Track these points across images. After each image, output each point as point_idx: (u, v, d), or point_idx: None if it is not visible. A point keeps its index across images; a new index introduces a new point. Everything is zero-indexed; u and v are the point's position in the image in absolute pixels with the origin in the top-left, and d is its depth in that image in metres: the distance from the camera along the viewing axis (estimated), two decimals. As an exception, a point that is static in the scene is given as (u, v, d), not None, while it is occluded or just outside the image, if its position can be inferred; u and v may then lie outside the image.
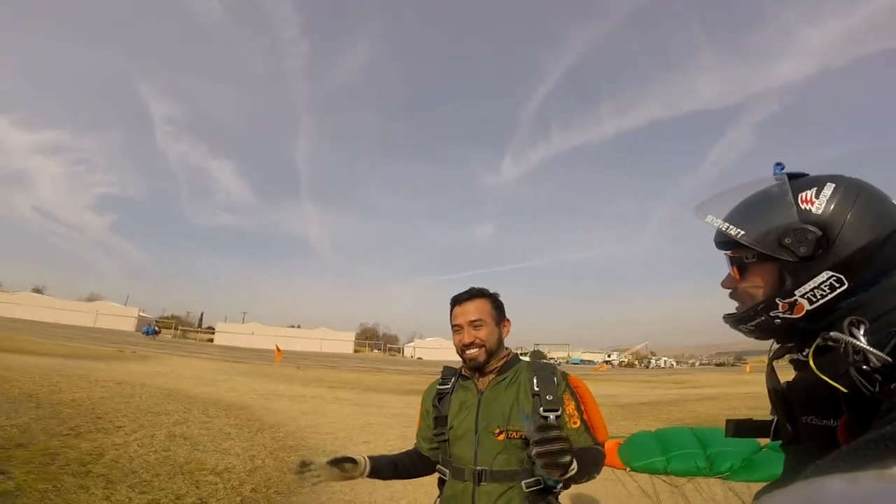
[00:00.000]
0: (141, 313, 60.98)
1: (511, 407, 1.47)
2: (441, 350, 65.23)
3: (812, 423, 0.76)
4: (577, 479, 1.37)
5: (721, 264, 1.09)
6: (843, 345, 0.68)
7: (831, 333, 0.70)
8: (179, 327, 63.66)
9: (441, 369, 1.72)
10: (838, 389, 0.67)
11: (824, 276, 0.77)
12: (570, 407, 1.48)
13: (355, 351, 62.44)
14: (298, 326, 69.20)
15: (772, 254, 0.81)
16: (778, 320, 0.82)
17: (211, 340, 54.60)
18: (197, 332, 67.02)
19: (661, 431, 5.69)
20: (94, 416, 5.83)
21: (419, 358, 59.59)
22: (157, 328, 44.08)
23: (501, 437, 1.44)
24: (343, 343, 61.04)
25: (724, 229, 0.86)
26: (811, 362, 0.73)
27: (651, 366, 71.70)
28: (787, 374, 0.93)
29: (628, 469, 4.21)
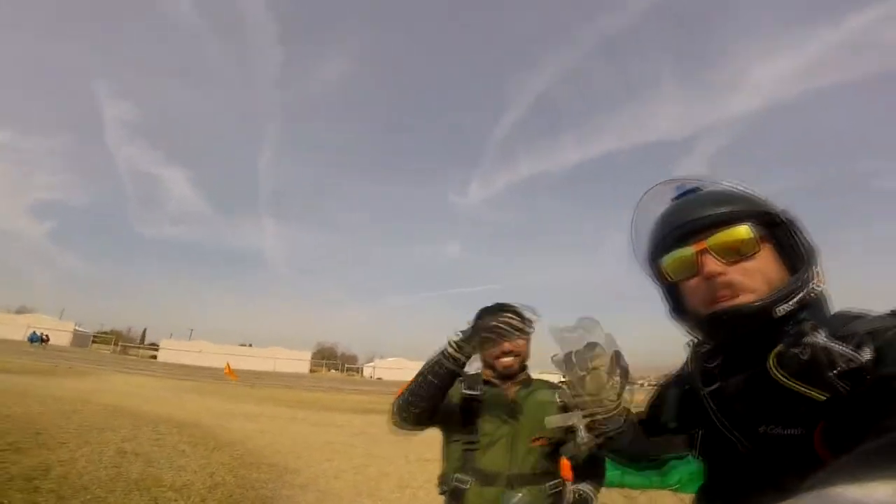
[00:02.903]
0: (77, 328, 56.89)
1: (543, 416, 1.57)
2: (402, 371, 64.09)
3: (774, 434, 0.72)
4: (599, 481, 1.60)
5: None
6: (807, 349, 0.66)
7: (805, 339, 0.67)
8: (120, 343, 59.87)
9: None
10: (813, 397, 0.65)
11: (814, 255, 0.77)
12: None
13: (311, 371, 60.50)
14: (250, 345, 66.46)
15: (791, 227, 0.78)
16: (813, 295, 0.75)
17: (154, 357, 51.52)
18: (139, 348, 63.21)
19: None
20: (34, 432, 5.42)
21: (379, 378, 58.36)
22: (44, 336, 38.73)
23: (536, 443, 1.53)
24: (298, 362, 59.02)
25: (740, 191, 0.81)
26: (776, 371, 0.69)
27: None
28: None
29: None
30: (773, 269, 0.77)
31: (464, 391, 1.64)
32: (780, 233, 0.78)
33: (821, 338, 0.66)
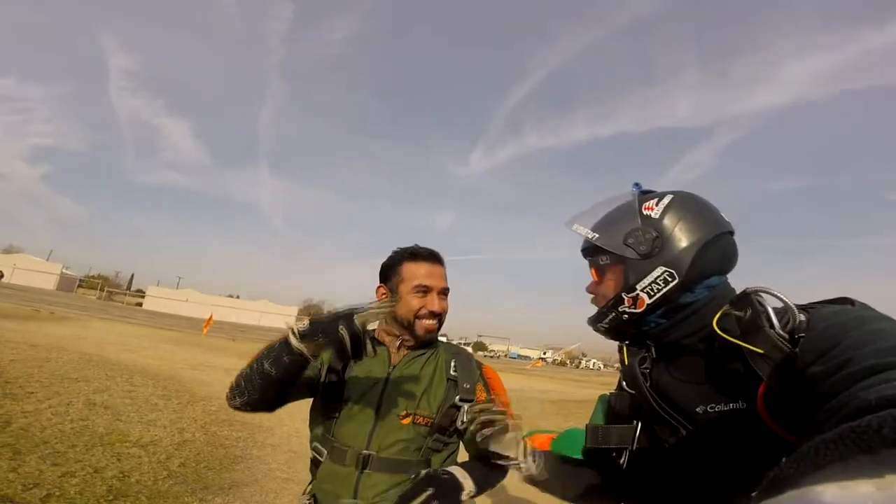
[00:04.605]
0: (64, 270, 56.44)
1: (424, 389, 1.30)
2: (385, 330, 64.62)
3: (715, 411, 0.77)
4: (488, 485, 1.21)
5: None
6: (749, 309, 0.76)
7: (753, 296, 0.77)
8: (106, 288, 59.57)
9: None
10: (754, 353, 0.71)
11: (659, 270, 0.87)
12: (481, 399, 1.32)
13: (296, 326, 60.85)
14: (238, 297, 66.60)
15: (617, 252, 0.92)
16: (626, 315, 0.91)
17: (140, 305, 51.48)
18: (125, 294, 62.99)
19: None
20: (2, 381, 5.31)
21: (362, 337, 58.94)
22: None
23: (407, 420, 1.25)
24: (284, 318, 59.36)
25: (582, 234, 0.98)
26: (717, 330, 0.78)
27: (581, 366, 74.93)
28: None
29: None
30: (611, 290, 0.95)
31: None
32: (616, 261, 0.95)
33: (763, 299, 0.75)
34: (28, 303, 20.48)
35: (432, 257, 1.39)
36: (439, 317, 1.36)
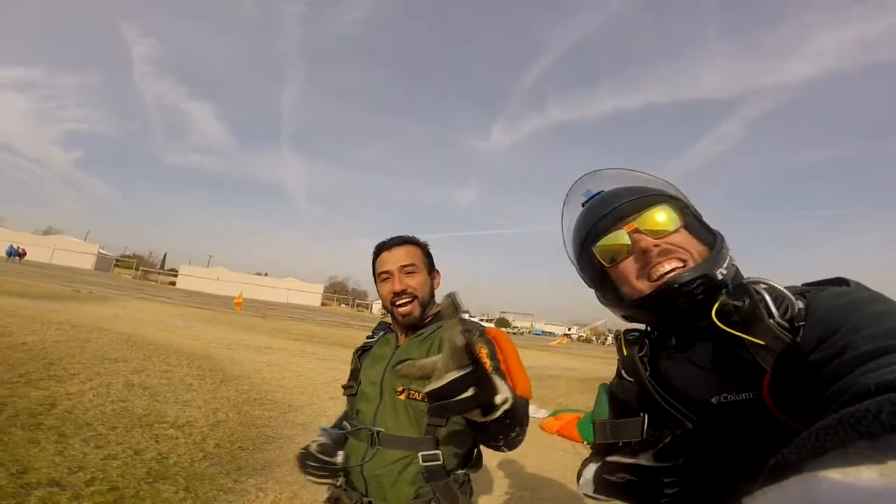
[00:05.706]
0: (101, 250, 58.69)
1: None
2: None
3: (728, 401, 0.73)
4: (497, 434, 1.02)
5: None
6: (747, 299, 0.73)
7: (751, 287, 0.74)
8: (140, 268, 61.72)
9: None
10: (756, 345, 0.69)
11: (719, 237, 0.84)
12: (482, 353, 1.25)
13: (322, 304, 62.25)
14: (266, 274, 68.26)
15: (690, 208, 0.87)
16: (720, 277, 0.80)
17: (173, 283, 53.25)
18: (159, 273, 65.20)
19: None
20: (47, 363, 5.58)
21: (387, 313, 59.88)
22: (20, 250, 39.43)
23: (402, 396, 1.31)
24: (311, 295, 60.63)
25: (664, 190, 0.89)
26: (717, 321, 0.74)
27: (607, 342, 74.20)
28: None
29: (586, 443, 4.37)
30: (693, 244, 0.82)
31: (365, 339, 1.56)
32: (687, 216, 0.86)
33: (760, 288, 0.73)
34: (69, 283, 21.39)
35: (389, 243, 1.48)
36: (407, 295, 1.40)
